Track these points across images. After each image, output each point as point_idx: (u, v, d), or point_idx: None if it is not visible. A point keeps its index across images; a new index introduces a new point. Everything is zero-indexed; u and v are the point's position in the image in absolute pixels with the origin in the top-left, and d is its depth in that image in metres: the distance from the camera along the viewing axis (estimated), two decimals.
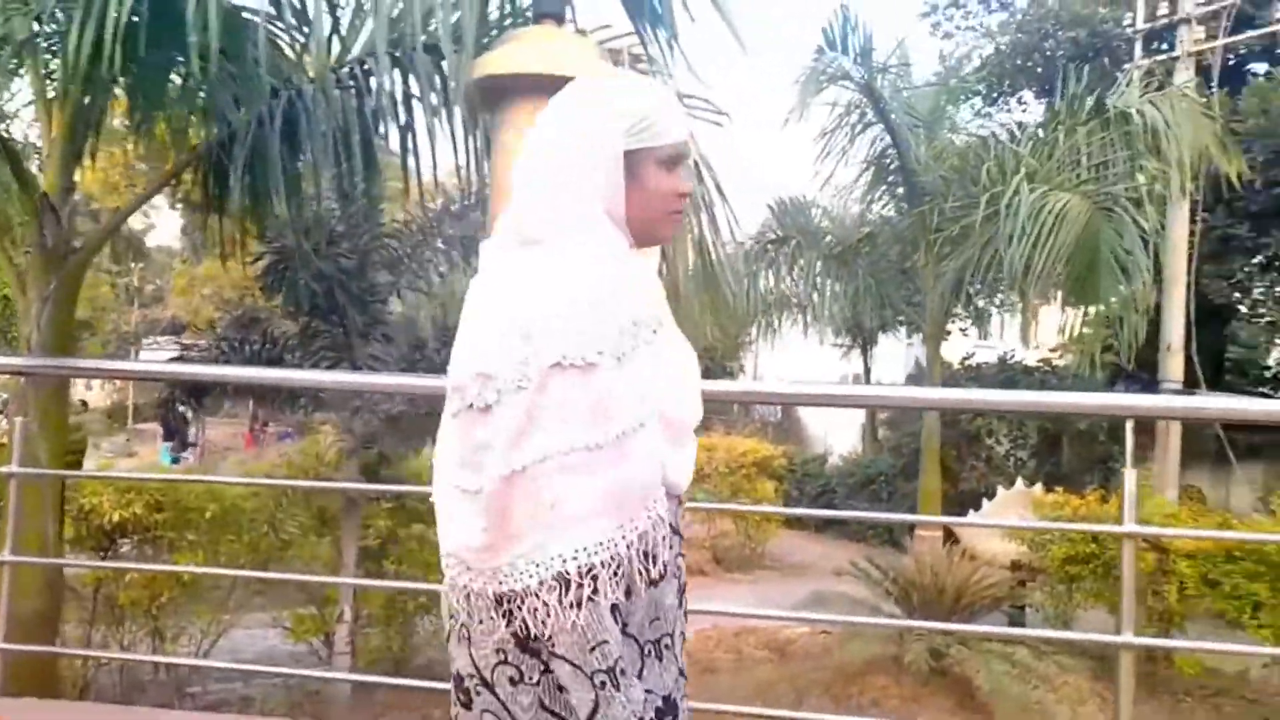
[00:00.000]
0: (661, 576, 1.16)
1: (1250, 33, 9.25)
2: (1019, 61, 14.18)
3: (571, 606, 1.08)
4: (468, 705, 1.22)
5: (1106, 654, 6.71)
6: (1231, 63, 10.50)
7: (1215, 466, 12.68)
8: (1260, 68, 11.23)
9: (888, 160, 8.53)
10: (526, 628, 1.10)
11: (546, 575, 1.09)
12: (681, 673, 1.27)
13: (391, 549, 7.07)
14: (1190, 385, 9.35)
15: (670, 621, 1.23)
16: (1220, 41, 8.68)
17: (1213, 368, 11.77)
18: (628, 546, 1.11)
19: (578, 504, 1.09)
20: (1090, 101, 7.77)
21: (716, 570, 12.78)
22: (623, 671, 1.11)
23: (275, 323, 6.87)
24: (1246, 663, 8.02)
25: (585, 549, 1.09)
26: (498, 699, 1.18)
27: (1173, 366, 9.12)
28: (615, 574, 1.10)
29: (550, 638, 1.10)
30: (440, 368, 6.11)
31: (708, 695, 6.01)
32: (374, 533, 6.91)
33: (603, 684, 1.10)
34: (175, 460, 19.34)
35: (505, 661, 1.17)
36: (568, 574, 1.08)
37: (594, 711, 1.10)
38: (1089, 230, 6.35)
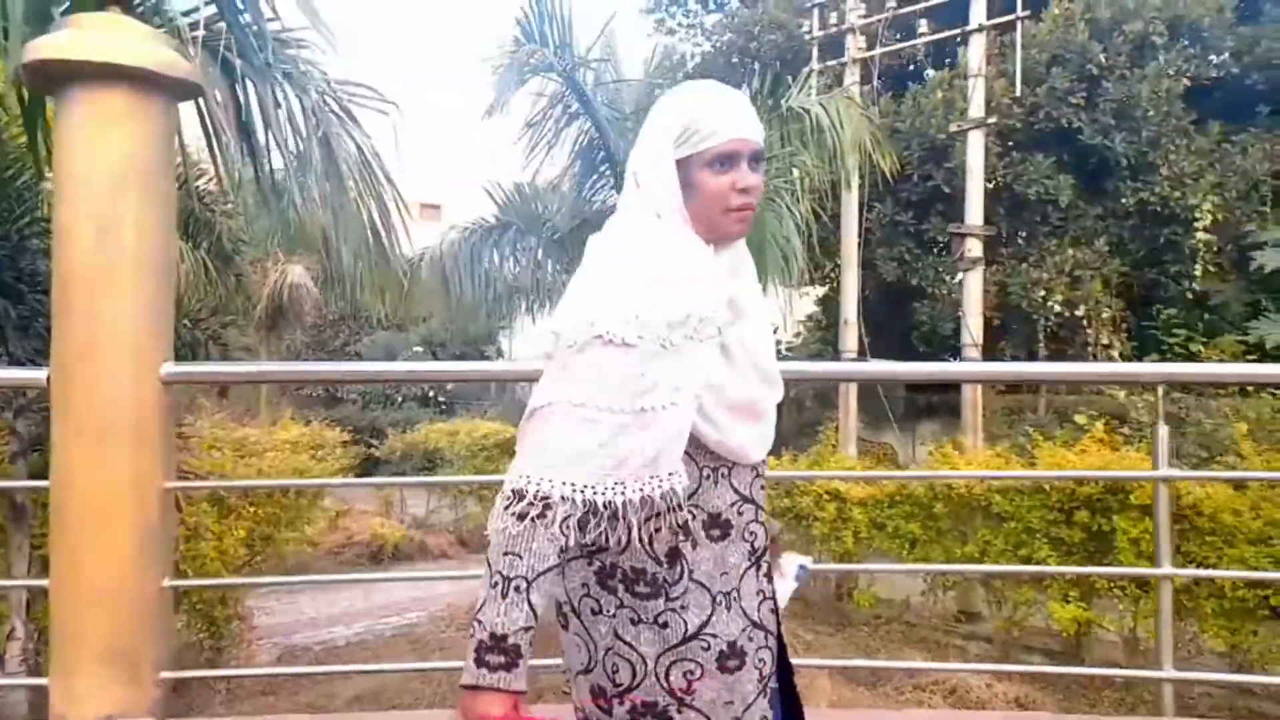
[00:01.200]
0: (670, 536, 1.25)
1: (901, 44, 10.58)
2: (733, 60, 15.25)
3: (511, 515, 1.17)
4: (565, 627, 1.37)
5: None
6: (901, 69, 11.98)
7: (903, 425, 14.44)
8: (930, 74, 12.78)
9: (595, 152, 8.92)
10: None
11: (508, 487, 1.20)
12: (759, 626, 1.36)
13: None
14: (861, 355, 10.58)
15: (736, 578, 1.34)
16: (878, 50, 9.88)
17: (902, 338, 13.39)
18: (605, 501, 1.18)
19: (565, 445, 1.18)
20: (770, 101, 8.60)
21: (461, 552, 12.95)
22: (516, 589, 1.16)
23: None
24: (906, 592, 9.29)
25: (550, 480, 1.18)
26: (582, 625, 1.33)
27: (849, 339, 10.29)
28: (577, 515, 1.17)
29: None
30: None
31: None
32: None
33: (494, 584, 1.17)
34: None
35: (588, 594, 1.33)
36: (524, 492, 1.18)
37: (482, 605, 1.18)
38: (756, 219, 7.02)
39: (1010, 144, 11.03)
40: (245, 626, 7.65)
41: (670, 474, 1.22)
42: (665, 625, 1.29)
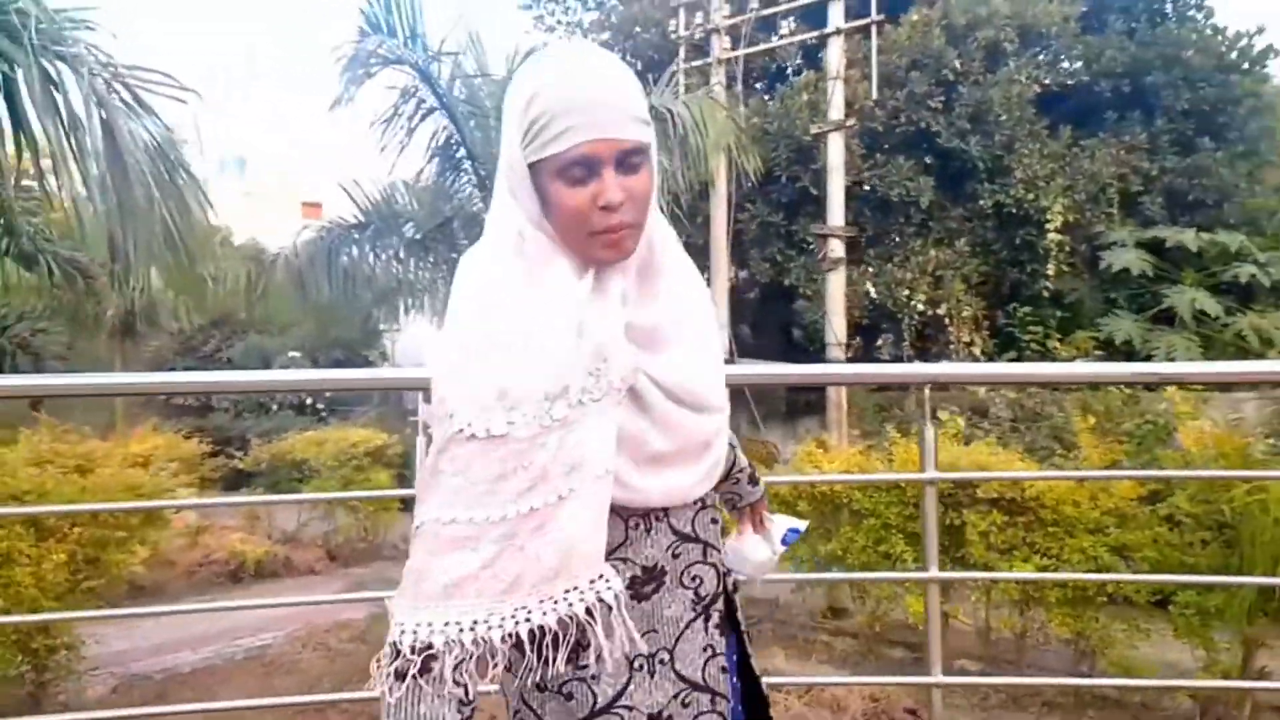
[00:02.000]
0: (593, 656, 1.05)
1: (763, 46, 10.70)
2: (624, 57, 15.14)
3: (390, 675, 0.97)
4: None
5: None
6: (772, 70, 12.14)
7: (786, 423, 14.63)
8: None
9: (453, 149, 8.67)
10: None
11: (387, 639, 1.00)
12: (700, 687, 1.17)
13: None
14: (733, 356, 10.64)
15: (671, 636, 1.15)
16: (742, 51, 9.95)
17: (784, 336, 13.54)
18: (505, 634, 0.98)
19: (440, 576, 0.97)
20: None
21: (331, 567, 12.42)
22: None
23: None
24: (776, 591, 9.36)
25: (428, 624, 0.97)
26: (502, 683, 1.17)
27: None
28: (472, 659, 0.98)
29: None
30: None
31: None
32: None
33: None
34: None
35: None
36: (399, 645, 0.97)
37: None
38: None
39: (874, 146, 11.27)
40: (74, 656, 7.08)
41: (593, 581, 1.02)
42: (570, 696, 1.11)
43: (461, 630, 0.97)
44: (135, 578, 9.54)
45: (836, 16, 9.29)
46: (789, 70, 12.27)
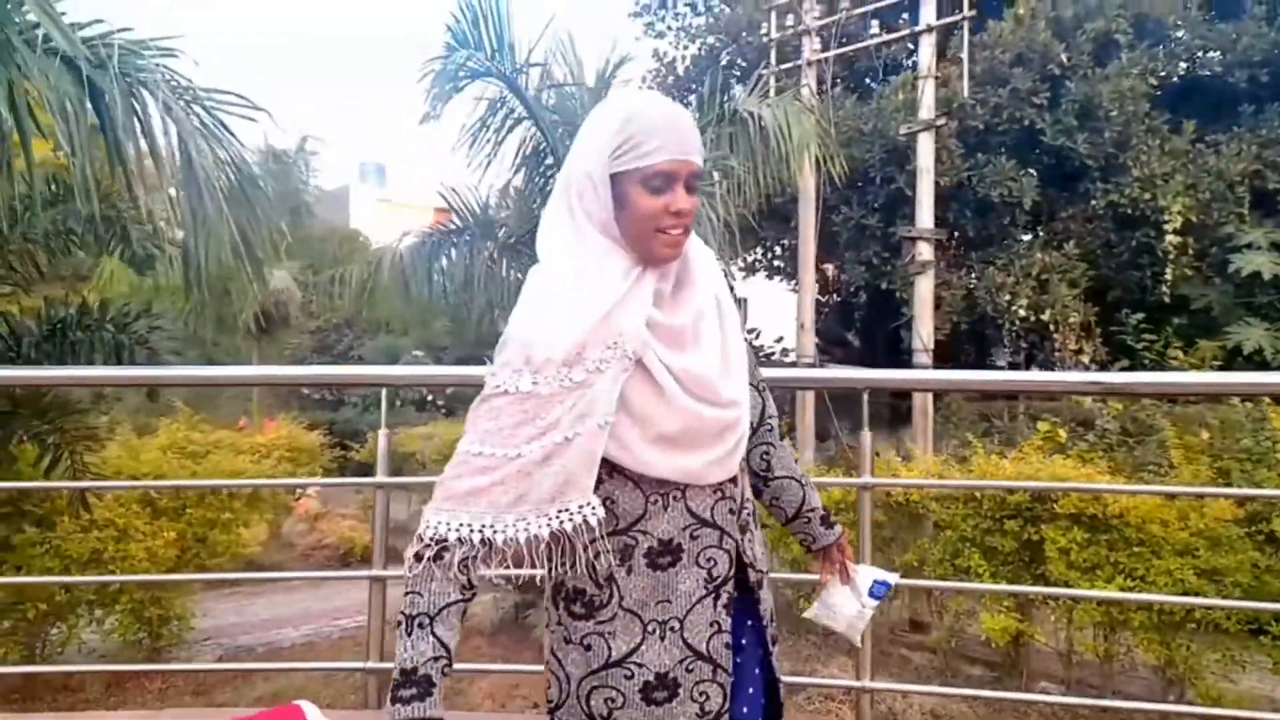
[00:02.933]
0: (595, 565, 1.24)
1: (852, 46, 10.51)
2: (722, 62, 15.23)
3: (412, 556, 1.22)
4: None
5: None
6: (867, 71, 11.89)
7: (890, 431, 14.31)
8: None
9: (542, 158, 8.93)
10: None
11: (415, 534, 1.24)
12: (705, 658, 1.30)
13: (4, 554, 6.73)
14: (840, 359, 10.50)
15: (683, 607, 1.30)
16: (832, 52, 9.82)
17: (892, 343, 13.28)
18: (506, 539, 1.20)
19: (462, 488, 1.22)
20: (720, 104, 8.57)
21: None
22: (420, 625, 1.20)
23: None
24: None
25: (445, 523, 1.21)
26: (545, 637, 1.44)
27: (805, 342, 10.20)
28: (477, 555, 1.20)
29: None
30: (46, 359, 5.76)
31: None
32: None
33: (399, 623, 1.22)
34: None
35: (546, 607, 1.42)
36: (422, 534, 1.22)
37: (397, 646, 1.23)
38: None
39: (975, 145, 10.87)
40: (184, 627, 7.79)
41: (581, 506, 1.22)
42: (589, 648, 1.30)
43: (471, 530, 1.20)
44: (254, 557, 10.33)
45: (928, 14, 9.04)
46: (887, 70, 11.99)
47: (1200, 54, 11.73)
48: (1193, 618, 6.13)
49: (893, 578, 1.73)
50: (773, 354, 14.85)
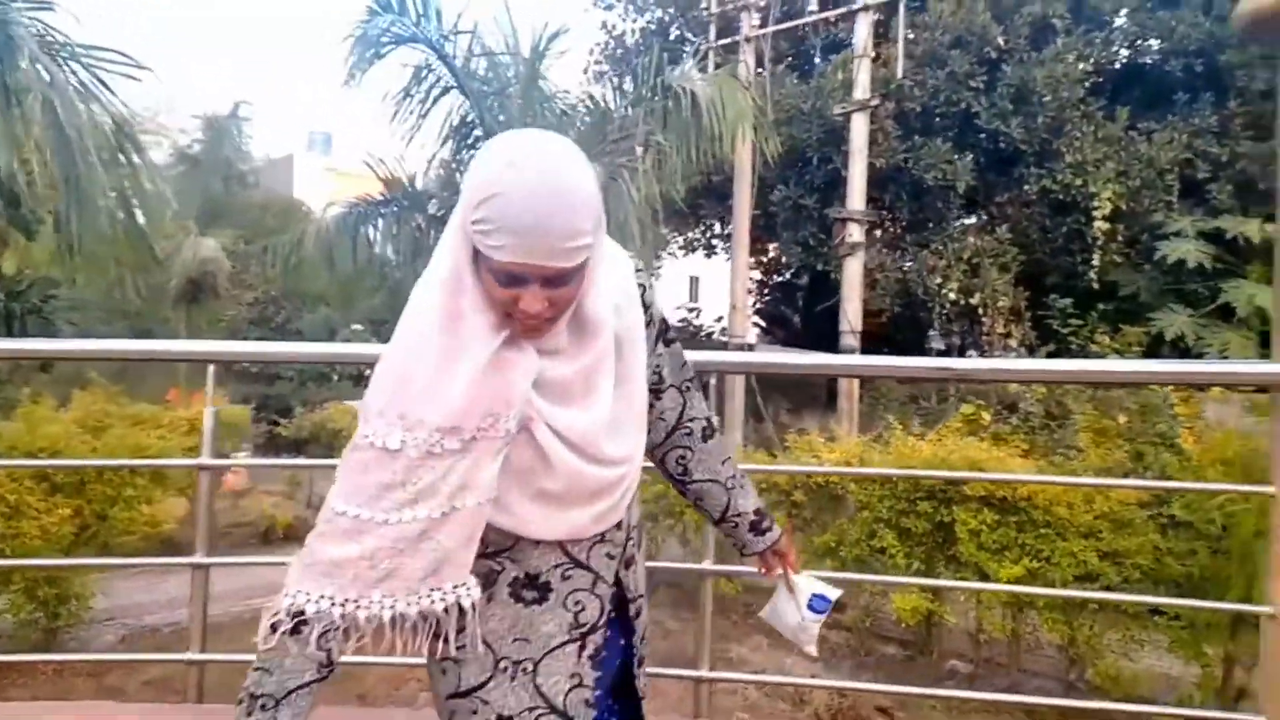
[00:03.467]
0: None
1: (789, 23, 10.42)
2: (670, 36, 15.04)
3: (271, 629, 1.11)
4: None
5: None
6: (807, 50, 11.82)
7: (825, 413, 14.40)
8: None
9: (471, 127, 8.77)
10: None
11: (272, 600, 1.13)
12: (557, 711, 1.21)
13: None
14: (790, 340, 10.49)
15: (539, 649, 1.22)
16: (770, 29, 9.72)
17: (829, 325, 13.30)
18: (368, 615, 1.10)
19: (325, 555, 1.10)
20: (656, 79, 8.46)
21: None
22: (262, 707, 1.10)
23: None
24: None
25: (306, 593, 1.10)
26: None
27: (737, 323, 10.18)
28: (338, 630, 1.10)
29: None
30: None
31: None
32: None
33: (240, 700, 1.12)
34: None
35: None
36: (279, 606, 1.11)
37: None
38: (605, 198, 6.91)
39: (912, 127, 10.87)
40: (82, 606, 7.53)
41: (456, 586, 1.13)
42: (444, 672, 1.24)
43: (333, 605, 1.10)
44: (171, 534, 10.11)
45: None
46: (829, 48, 11.90)
47: (1140, 41, 11.82)
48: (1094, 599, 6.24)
49: (834, 593, 1.62)
50: (712, 334, 14.85)
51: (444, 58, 8.16)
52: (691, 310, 14.90)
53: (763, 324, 16.38)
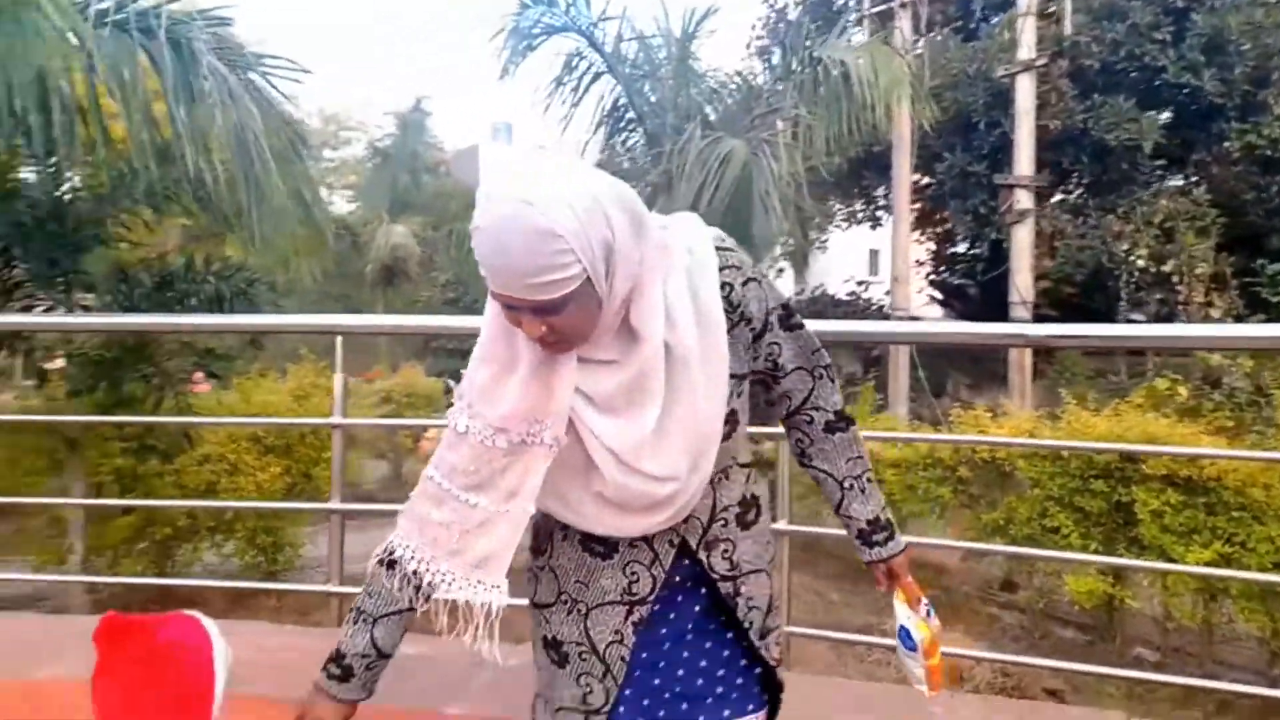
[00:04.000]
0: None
1: None
2: (834, 6, 14.68)
3: (377, 561, 1.28)
4: None
5: None
6: (969, 10, 11.19)
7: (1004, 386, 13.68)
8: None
9: (623, 111, 8.98)
10: None
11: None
12: (597, 654, 1.30)
13: (134, 484, 7.50)
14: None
15: (594, 598, 1.30)
16: None
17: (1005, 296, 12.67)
18: (429, 581, 1.24)
19: (418, 512, 1.26)
20: (804, 49, 8.35)
21: None
22: (364, 620, 1.28)
23: None
24: (943, 557, 8.94)
25: (403, 539, 1.26)
26: None
27: (900, 295, 9.86)
28: (409, 579, 1.25)
29: None
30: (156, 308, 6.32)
31: None
32: (107, 469, 7.31)
33: (351, 609, 1.31)
34: None
35: None
36: (388, 541, 1.29)
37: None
38: (745, 173, 6.94)
39: (1088, 85, 10.08)
40: (294, 554, 8.48)
41: (493, 586, 1.23)
42: (529, 582, 1.39)
43: (413, 558, 1.25)
44: (369, 491, 11.01)
45: None
46: (992, 6, 11.19)
47: None
48: None
49: (919, 633, 1.45)
50: (882, 307, 14.43)
51: (594, 44, 8.39)
52: (861, 284, 14.50)
53: (939, 297, 15.74)
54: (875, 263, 20.88)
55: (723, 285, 1.23)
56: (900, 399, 9.92)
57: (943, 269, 15.01)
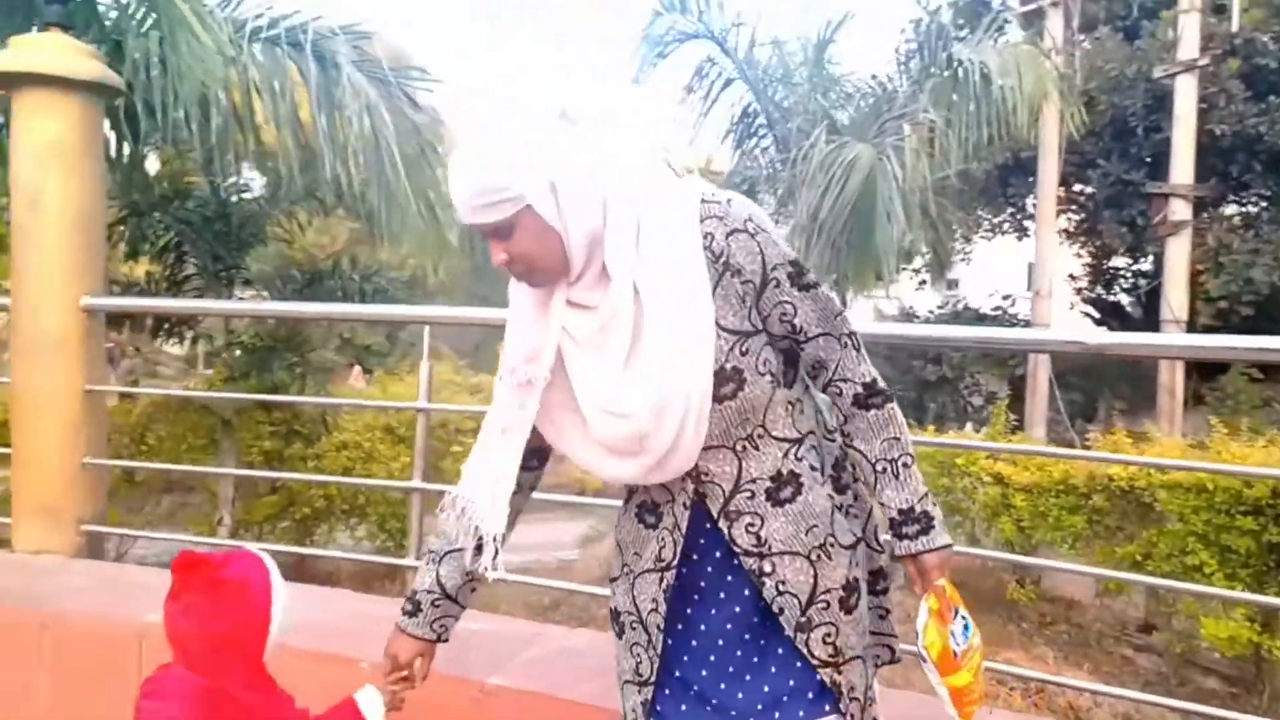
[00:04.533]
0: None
1: None
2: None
3: (444, 500, 1.44)
4: None
5: None
6: (1128, 6, 10.44)
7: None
8: None
9: (753, 117, 8.98)
10: None
11: None
12: (643, 624, 1.35)
13: (280, 465, 8.11)
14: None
15: (641, 567, 1.36)
16: None
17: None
18: (464, 526, 1.37)
19: (471, 460, 1.41)
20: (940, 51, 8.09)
21: None
22: (431, 560, 1.45)
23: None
24: (1076, 590, 8.46)
25: (462, 485, 1.40)
26: None
27: (1041, 310, 9.37)
28: (461, 507, 1.38)
29: None
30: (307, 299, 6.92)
31: None
32: (257, 451, 7.96)
33: (423, 551, 1.51)
34: None
35: None
36: (448, 494, 1.44)
37: None
38: (870, 180, 6.79)
39: (1264, 87, 9.23)
40: (417, 537, 8.93)
41: (483, 522, 1.35)
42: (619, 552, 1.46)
43: (460, 501, 1.39)
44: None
45: None
46: (1145, 6, 10.38)
47: None
48: None
49: (923, 638, 1.32)
50: (1029, 323, 13.72)
51: (726, 50, 8.42)
52: (1007, 298, 13.85)
53: (1094, 314, 14.84)
54: (1032, 276, 19.75)
55: (704, 235, 1.25)
56: (1038, 420, 9.44)
57: (1099, 284, 14.15)
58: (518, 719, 2.02)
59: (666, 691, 1.34)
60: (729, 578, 1.32)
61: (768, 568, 1.29)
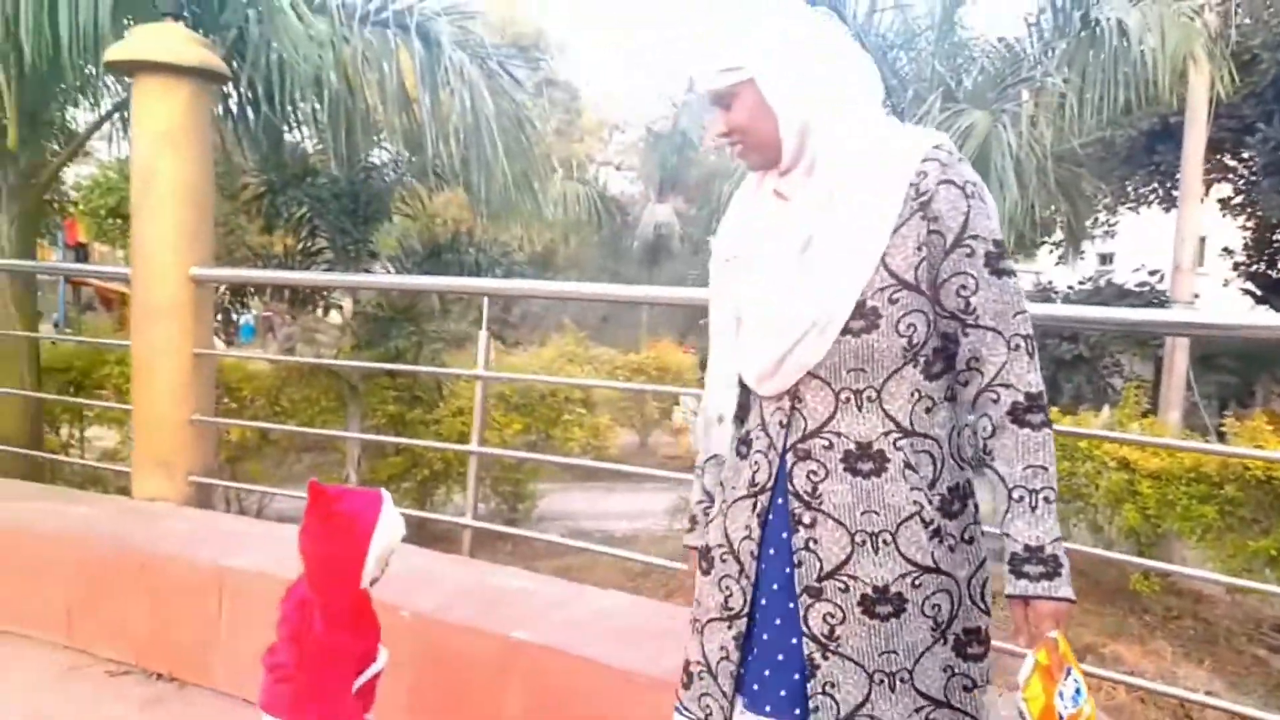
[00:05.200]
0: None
1: None
2: None
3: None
4: None
5: None
6: None
7: None
8: None
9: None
10: None
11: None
12: (734, 555, 1.33)
13: (402, 429, 8.59)
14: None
15: (734, 495, 1.36)
16: None
17: None
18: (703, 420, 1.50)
19: (710, 370, 1.49)
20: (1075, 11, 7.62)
21: None
22: (698, 474, 1.51)
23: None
24: (1204, 585, 7.93)
25: (703, 398, 1.51)
26: None
27: (1181, 286, 8.72)
28: (700, 419, 1.52)
29: None
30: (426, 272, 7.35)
31: None
32: (381, 415, 8.43)
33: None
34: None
35: None
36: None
37: None
38: (984, 147, 6.49)
39: None
40: (532, 505, 9.34)
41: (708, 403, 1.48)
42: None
43: (698, 413, 1.53)
44: (614, 458, 11.76)
45: None
46: None
47: None
48: None
49: (1021, 699, 1.18)
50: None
51: (842, 16, 8.19)
52: (1154, 274, 12.92)
53: (1256, 291, 13.66)
54: (1202, 251, 18.25)
55: (918, 173, 1.21)
56: (1174, 404, 8.83)
57: (1259, 259, 13.00)
58: (536, 671, 2.13)
59: (759, 612, 1.29)
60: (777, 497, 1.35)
61: (808, 519, 1.24)
